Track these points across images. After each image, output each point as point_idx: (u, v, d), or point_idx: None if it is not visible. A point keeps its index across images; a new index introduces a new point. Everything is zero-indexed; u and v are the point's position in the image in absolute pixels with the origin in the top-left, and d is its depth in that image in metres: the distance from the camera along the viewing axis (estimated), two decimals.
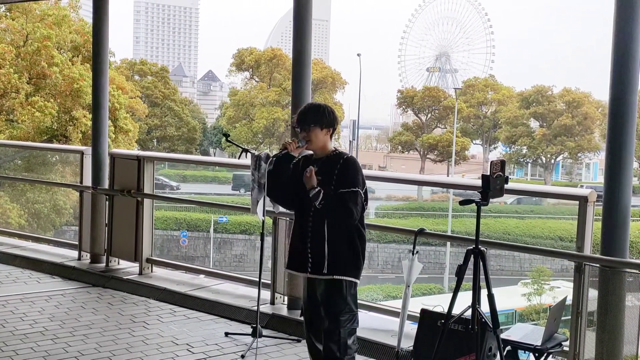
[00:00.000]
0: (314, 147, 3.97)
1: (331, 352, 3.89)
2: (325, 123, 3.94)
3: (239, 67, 51.93)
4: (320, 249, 3.88)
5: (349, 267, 3.89)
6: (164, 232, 32.64)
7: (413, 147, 52.09)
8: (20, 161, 21.09)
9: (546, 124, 49.12)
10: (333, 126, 3.97)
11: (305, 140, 3.94)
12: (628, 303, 4.35)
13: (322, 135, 3.94)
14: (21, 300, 6.15)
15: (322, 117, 3.94)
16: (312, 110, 4.00)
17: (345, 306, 3.88)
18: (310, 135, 3.93)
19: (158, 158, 8.08)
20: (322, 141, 3.95)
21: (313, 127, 3.91)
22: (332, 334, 3.89)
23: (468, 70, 76.94)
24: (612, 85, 4.36)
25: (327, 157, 3.94)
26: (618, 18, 4.34)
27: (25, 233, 9.05)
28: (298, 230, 4.02)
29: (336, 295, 3.88)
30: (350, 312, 3.91)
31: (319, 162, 3.93)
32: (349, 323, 3.90)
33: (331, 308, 3.89)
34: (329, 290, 3.90)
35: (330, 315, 3.89)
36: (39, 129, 22.20)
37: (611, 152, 4.37)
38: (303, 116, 3.98)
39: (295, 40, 5.75)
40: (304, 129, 3.95)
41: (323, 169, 3.89)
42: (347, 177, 3.82)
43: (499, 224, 34.11)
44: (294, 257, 4.04)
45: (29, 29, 22.67)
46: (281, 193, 4.11)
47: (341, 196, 3.78)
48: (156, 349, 5.08)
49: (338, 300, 3.88)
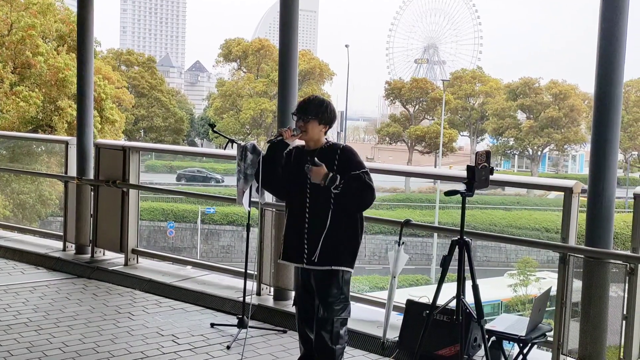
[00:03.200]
0: (308, 139, 4.00)
1: (323, 340, 3.91)
2: (324, 119, 3.97)
3: (226, 58, 51.74)
4: (317, 239, 3.88)
5: (346, 256, 3.92)
6: (151, 223, 32.54)
7: (401, 139, 52.17)
8: (5, 151, 20.88)
9: (533, 116, 49.35)
10: (330, 124, 4.00)
11: (301, 130, 3.96)
12: (612, 294, 4.38)
13: (319, 129, 3.97)
14: (5, 291, 6.10)
15: (323, 113, 3.97)
16: (314, 102, 4.00)
17: (340, 295, 3.91)
18: (308, 126, 3.95)
19: (144, 148, 8.05)
20: (317, 134, 3.98)
21: (312, 120, 3.94)
22: (325, 323, 3.91)
23: (456, 62, 77.21)
24: (598, 78, 4.37)
25: (321, 149, 3.96)
26: (604, 11, 4.35)
27: (10, 224, 8.97)
28: (292, 221, 4.02)
29: (331, 284, 3.90)
30: (344, 301, 3.94)
31: (314, 154, 3.93)
32: (342, 312, 3.93)
33: (326, 297, 3.90)
34: (325, 280, 3.91)
35: (324, 303, 3.91)
36: (24, 119, 22.01)
37: (596, 144, 4.39)
38: (305, 106, 4.00)
39: (281, 31, 5.72)
40: (302, 118, 3.96)
41: (320, 160, 3.89)
42: (352, 162, 3.88)
43: (485, 216, 34.30)
44: (289, 248, 4.03)
45: (14, 18, 22.41)
46: (274, 181, 4.11)
47: (357, 176, 3.83)
48: (141, 340, 5.07)
49: (333, 289, 3.90)
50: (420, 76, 67.16)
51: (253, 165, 5.18)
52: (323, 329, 3.91)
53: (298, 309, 4.11)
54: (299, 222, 3.96)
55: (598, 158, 4.38)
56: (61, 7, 25.27)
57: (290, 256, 4.03)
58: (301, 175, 3.93)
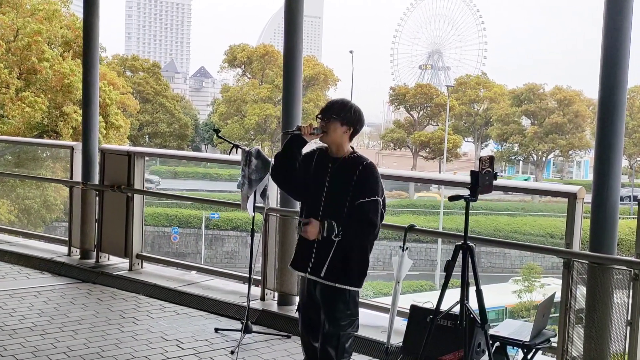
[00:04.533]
0: (329, 141, 3.81)
1: (328, 355, 3.80)
2: (347, 119, 3.76)
3: (231, 64, 51.83)
4: (326, 252, 3.72)
5: (355, 275, 3.76)
6: (155, 229, 32.56)
7: (405, 145, 52.15)
8: (10, 156, 20.96)
9: (537, 121, 49.28)
10: (355, 126, 3.80)
11: (322, 129, 3.78)
12: (616, 300, 4.37)
13: (341, 131, 3.77)
14: (10, 295, 6.13)
15: (346, 113, 3.77)
16: (339, 103, 3.84)
17: (346, 311, 3.77)
18: (329, 126, 3.76)
19: (148, 154, 8.07)
20: (339, 137, 3.78)
21: (334, 120, 3.76)
22: (331, 338, 3.78)
23: (460, 68, 77.27)
24: (602, 84, 4.37)
25: (344, 159, 3.78)
26: (607, 17, 4.36)
27: (15, 229, 9.01)
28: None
29: (338, 300, 3.77)
30: (351, 317, 3.79)
31: (336, 163, 3.78)
32: (349, 328, 3.80)
33: (332, 312, 3.77)
34: (331, 295, 3.77)
35: (330, 319, 3.78)
36: (30, 125, 22.07)
37: (600, 150, 4.39)
38: (329, 105, 3.84)
39: (286, 37, 5.74)
40: (324, 118, 3.79)
41: (340, 171, 3.75)
42: (367, 186, 3.68)
43: (489, 221, 34.22)
44: (299, 255, 3.88)
45: (20, 24, 22.52)
46: (287, 179, 3.88)
47: (361, 207, 3.64)
48: (145, 344, 5.08)
49: (339, 304, 3.77)
50: (425, 82, 67.20)
51: (257, 170, 5.20)
52: (329, 344, 3.79)
53: (302, 316, 3.99)
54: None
55: (602, 164, 4.38)
56: (67, 13, 25.39)
57: (299, 264, 3.89)
58: (319, 180, 3.79)
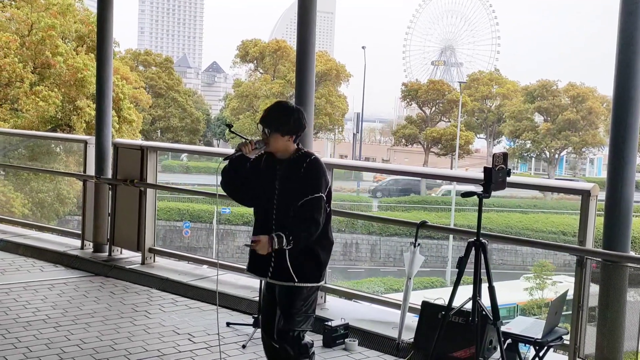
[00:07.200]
0: (273, 150, 3.81)
1: (286, 352, 3.79)
2: (286, 131, 3.75)
3: (243, 59, 51.85)
4: (282, 254, 3.71)
5: (313, 271, 3.77)
6: (167, 223, 32.70)
7: (417, 141, 51.99)
8: (25, 150, 21.07)
9: (550, 118, 48.98)
10: (297, 134, 3.79)
11: (264, 142, 3.78)
12: (629, 298, 4.35)
13: (283, 140, 3.77)
14: (24, 288, 6.18)
15: (285, 125, 3.75)
16: (278, 113, 3.81)
17: (302, 308, 3.77)
18: (270, 138, 3.76)
19: (161, 148, 8.10)
20: (282, 145, 3.78)
21: (274, 133, 3.75)
22: (285, 335, 3.78)
23: (473, 64, 76.84)
24: (616, 81, 4.34)
25: (290, 159, 3.79)
26: (623, 13, 4.33)
27: (29, 222, 9.09)
28: (259, 232, 3.80)
29: (295, 297, 3.76)
30: (306, 314, 3.79)
31: (284, 163, 3.79)
32: (303, 324, 3.79)
33: (288, 308, 3.76)
34: (289, 294, 3.77)
35: (285, 314, 3.77)
36: (43, 118, 22.18)
37: (614, 147, 4.36)
38: (267, 115, 3.81)
39: (299, 32, 5.74)
40: (264, 130, 3.79)
41: (287, 171, 3.76)
42: (311, 182, 3.70)
43: (501, 218, 34.09)
44: (255, 259, 3.84)
45: (34, 18, 22.62)
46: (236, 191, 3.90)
47: (304, 206, 3.65)
48: (158, 338, 5.11)
49: (297, 302, 3.76)
50: (437, 78, 66.90)
51: None
52: (284, 340, 3.78)
53: (262, 319, 3.97)
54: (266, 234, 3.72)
55: (616, 161, 4.35)
56: (81, 7, 25.48)
57: (257, 268, 3.86)
58: (269, 183, 3.80)
